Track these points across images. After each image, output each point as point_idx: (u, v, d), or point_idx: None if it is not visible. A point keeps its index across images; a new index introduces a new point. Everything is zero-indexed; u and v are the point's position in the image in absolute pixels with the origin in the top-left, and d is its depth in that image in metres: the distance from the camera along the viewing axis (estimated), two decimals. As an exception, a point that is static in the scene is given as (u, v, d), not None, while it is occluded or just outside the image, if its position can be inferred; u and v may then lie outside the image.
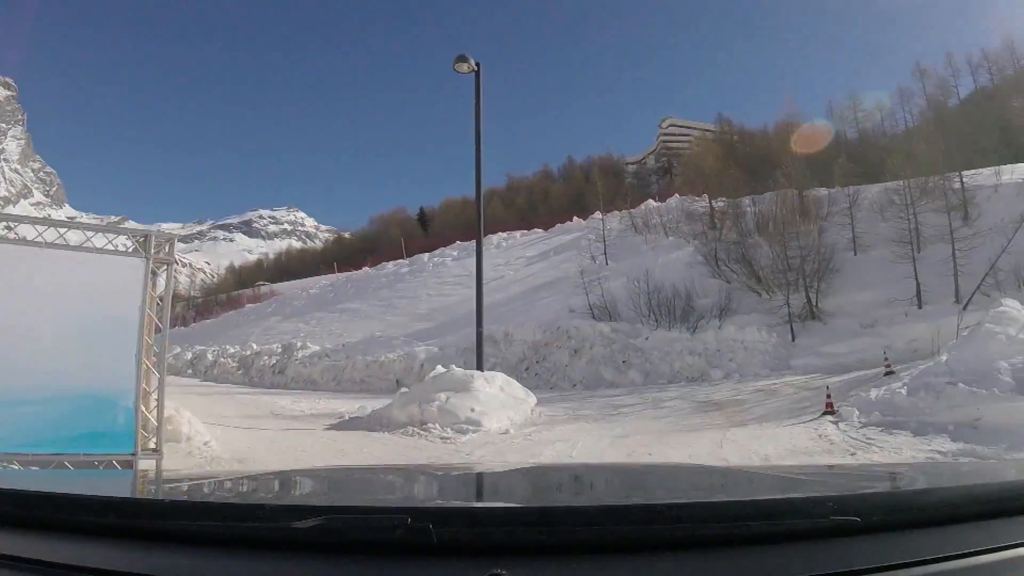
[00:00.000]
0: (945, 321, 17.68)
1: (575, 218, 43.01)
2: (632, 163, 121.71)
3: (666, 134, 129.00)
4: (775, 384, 16.86)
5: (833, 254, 23.89)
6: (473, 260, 41.07)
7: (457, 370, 13.78)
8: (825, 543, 1.25)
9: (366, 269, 51.58)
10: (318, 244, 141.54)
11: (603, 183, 47.24)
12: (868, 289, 22.18)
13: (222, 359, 35.40)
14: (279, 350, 32.25)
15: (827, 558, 1.20)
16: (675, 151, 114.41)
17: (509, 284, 33.80)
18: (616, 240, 33.94)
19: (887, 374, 14.62)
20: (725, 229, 29.88)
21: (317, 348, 30.20)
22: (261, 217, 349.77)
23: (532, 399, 14.11)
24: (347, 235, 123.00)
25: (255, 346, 34.72)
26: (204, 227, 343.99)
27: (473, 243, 44.87)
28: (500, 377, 14.20)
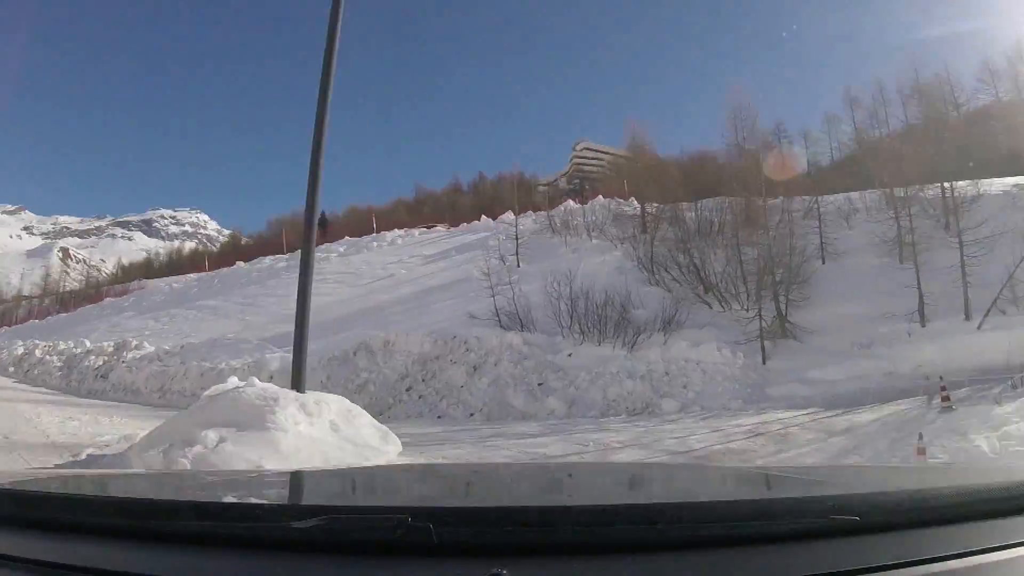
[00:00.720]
0: (958, 341, 14.70)
1: (483, 217, 37.16)
2: (544, 184, 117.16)
3: (579, 157, 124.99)
4: (768, 423, 11.27)
5: (803, 260, 18.73)
6: (362, 256, 35.23)
7: (256, 386, 7.43)
8: (825, 543, 1.19)
9: (240, 264, 44.12)
10: (216, 248, 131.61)
11: (516, 195, 41.64)
12: (849, 302, 17.36)
13: (48, 357, 28.68)
14: (110, 349, 25.58)
15: (827, 558, 1.15)
16: (588, 174, 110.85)
17: (399, 284, 27.83)
18: (530, 241, 28.32)
19: (945, 409, 10.39)
20: (661, 233, 24.44)
21: (151, 349, 23.59)
22: (162, 217, 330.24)
23: (391, 446, 7.68)
24: (244, 239, 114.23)
25: (87, 343, 27.97)
26: (103, 223, 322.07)
27: (364, 238, 39.46)
28: (334, 404, 7.87)
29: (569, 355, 16.85)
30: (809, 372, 14.71)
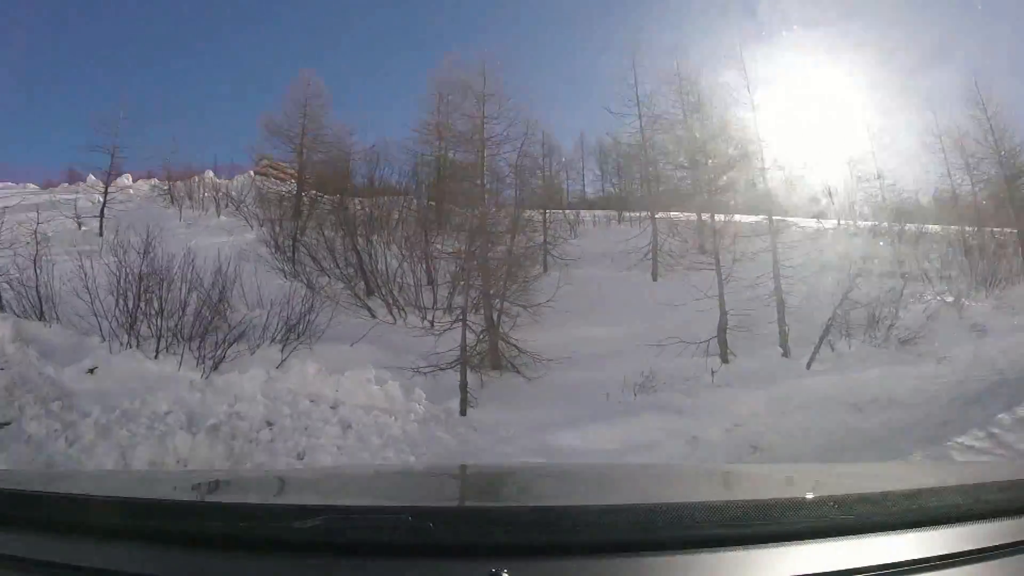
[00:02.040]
0: (784, 386, 9.19)
1: (91, 176, 27.30)
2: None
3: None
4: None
5: (522, 257, 12.37)
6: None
7: None
8: (825, 543, 1.16)
9: None
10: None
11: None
12: (597, 323, 11.62)
13: None
14: None
15: (827, 558, 1.12)
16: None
17: None
18: (137, 209, 19.78)
19: None
20: (318, 219, 17.47)
21: None
22: None
23: None
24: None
25: None
26: None
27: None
28: None
29: (92, 370, 8.32)
30: (553, 435, 7.34)
